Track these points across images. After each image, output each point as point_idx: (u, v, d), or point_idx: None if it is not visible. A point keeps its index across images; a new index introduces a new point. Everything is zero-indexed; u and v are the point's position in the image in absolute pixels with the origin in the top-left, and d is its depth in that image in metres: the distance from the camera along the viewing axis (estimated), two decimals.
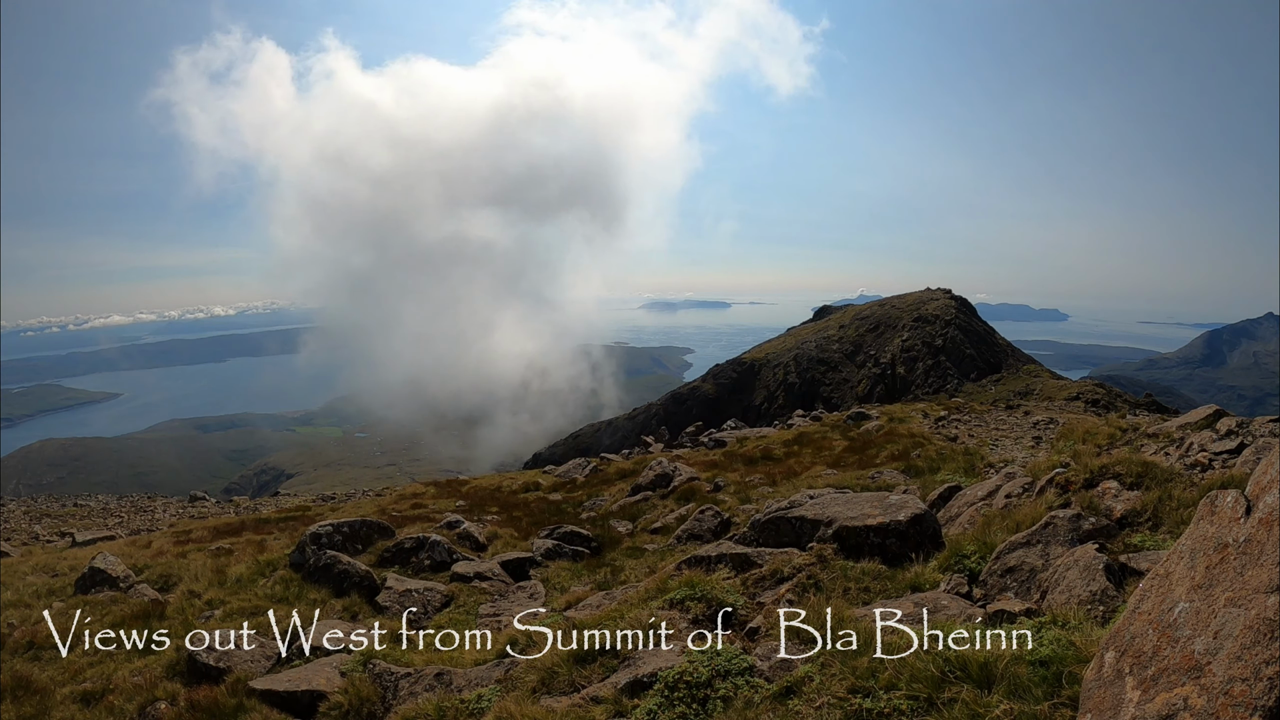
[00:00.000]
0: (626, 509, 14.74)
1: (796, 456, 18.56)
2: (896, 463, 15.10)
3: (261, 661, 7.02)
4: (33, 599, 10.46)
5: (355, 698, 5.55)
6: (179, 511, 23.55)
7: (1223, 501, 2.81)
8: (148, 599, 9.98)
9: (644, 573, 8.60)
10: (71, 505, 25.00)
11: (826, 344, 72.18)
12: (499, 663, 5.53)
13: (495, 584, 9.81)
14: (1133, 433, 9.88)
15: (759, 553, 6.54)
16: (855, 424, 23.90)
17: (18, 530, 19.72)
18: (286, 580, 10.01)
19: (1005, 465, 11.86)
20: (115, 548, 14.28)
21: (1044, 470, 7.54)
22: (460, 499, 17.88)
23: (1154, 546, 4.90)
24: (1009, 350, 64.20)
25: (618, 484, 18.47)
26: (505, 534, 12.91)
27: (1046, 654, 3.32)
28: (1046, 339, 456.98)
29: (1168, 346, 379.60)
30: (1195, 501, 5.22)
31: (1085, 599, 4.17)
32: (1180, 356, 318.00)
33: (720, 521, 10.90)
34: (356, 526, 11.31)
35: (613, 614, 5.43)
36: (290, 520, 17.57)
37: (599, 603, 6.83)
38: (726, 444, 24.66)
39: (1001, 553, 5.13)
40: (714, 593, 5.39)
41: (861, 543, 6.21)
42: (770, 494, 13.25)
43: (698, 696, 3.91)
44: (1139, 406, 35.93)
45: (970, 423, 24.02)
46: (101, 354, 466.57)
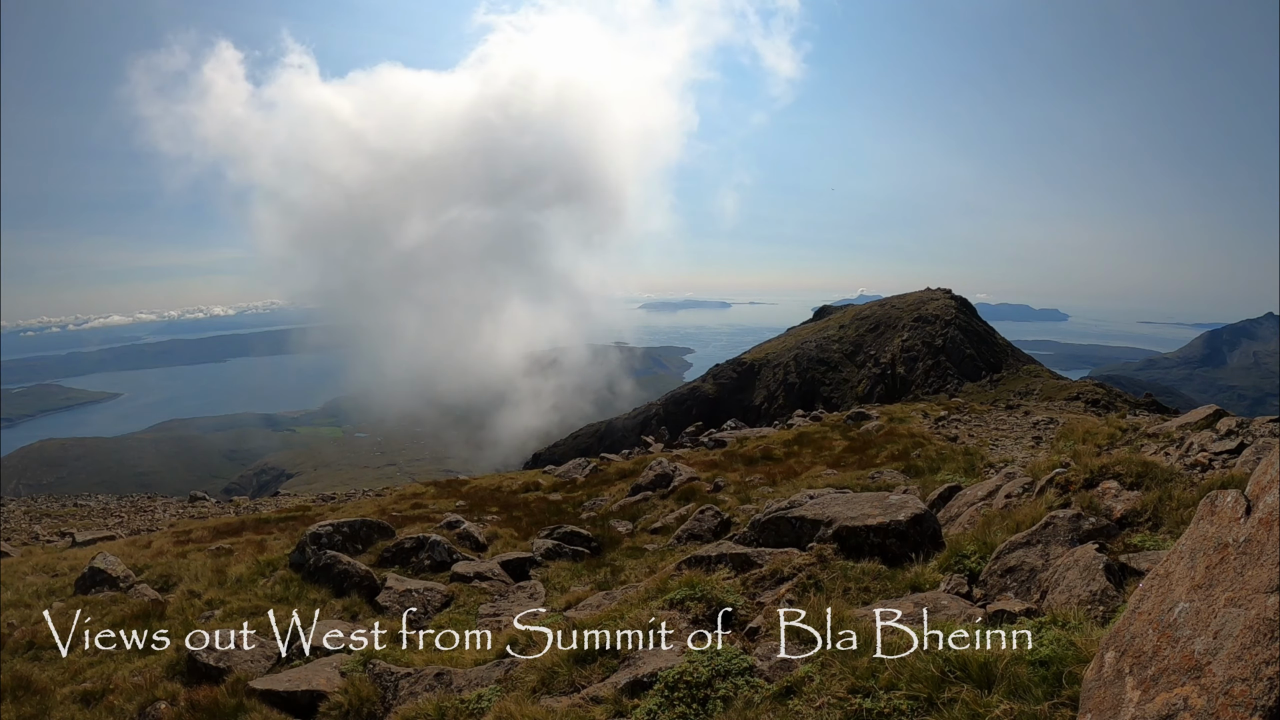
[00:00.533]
0: (626, 509, 14.74)
1: (796, 456, 18.56)
2: (896, 463, 15.10)
3: (261, 661, 7.02)
4: (33, 599, 10.46)
5: (355, 698, 5.55)
6: (179, 511, 23.55)
7: (1223, 501, 2.80)
8: (148, 599, 9.98)
9: (644, 573, 8.60)
10: (71, 505, 25.00)
11: (826, 344, 72.19)
12: (499, 663, 5.53)
13: (495, 584, 9.81)
14: (1133, 433, 9.87)
15: (759, 553, 6.55)
16: (855, 424, 23.89)
17: (18, 530, 19.71)
18: (286, 580, 10.01)
19: (1005, 465, 11.85)
20: (115, 548, 14.27)
21: (1044, 470, 7.54)
22: (460, 499, 17.88)
23: (1154, 546, 4.90)
24: (1009, 350, 64.20)
25: (618, 484, 18.47)
26: (505, 534, 12.92)
27: (1046, 654, 3.32)
28: (1046, 339, 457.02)
29: (1168, 346, 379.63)
30: (1195, 501, 5.22)
31: (1085, 599, 4.17)
32: (1180, 356, 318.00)
33: (720, 521, 10.90)
34: (356, 526, 11.31)
35: (613, 614, 5.43)
36: (290, 520, 17.56)
37: (599, 603, 6.83)
38: (726, 444, 24.66)
39: (1001, 553, 5.13)
40: (714, 593, 5.39)
41: (861, 543, 6.21)
42: (770, 494, 13.25)
43: (698, 696, 3.91)
44: (1139, 406, 35.93)
45: (970, 423, 24.02)
46: (101, 354, 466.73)
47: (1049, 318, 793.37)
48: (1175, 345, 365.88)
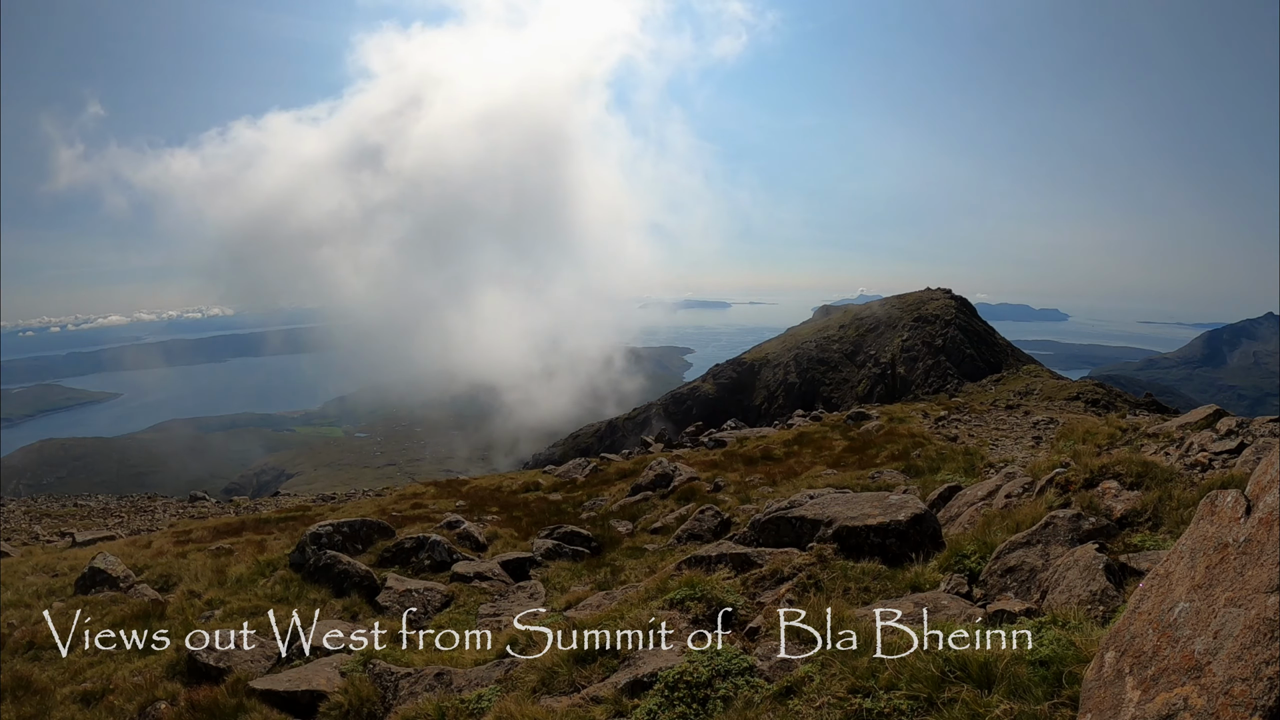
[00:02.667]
0: (626, 509, 14.74)
1: (796, 456, 18.56)
2: (896, 463, 15.10)
3: (261, 661, 7.02)
4: (33, 599, 10.46)
5: (355, 698, 5.55)
6: (179, 511, 23.55)
7: (1223, 501, 2.80)
8: (148, 599, 9.98)
9: (644, 573, 8.60)
10: (71, 505, 24.99)
11: (826, 344, 72.20)
12: (499, 663, 5.53)
13: (495, 584, 9.81)
14: (1133, 433, 9.87)
15: (759, 553, 6.55)
16: (855, 424, 23.89)
17: (18, 530, 19.71)
18: (286, 580, 10.01)
19: (1005, 465, 11.85)
20: (115, 548, 14.27)
21: (1044, 470, 7.54)
22: (460, 499, 17.88)
23: (1154, 546, 4.90)
24: (1009, 350, 64.18)
25: (618, 484, 18.47)
26: (505, 534, 12.92)
27: (1046, 654, 3.32)
28: (1046, 339, 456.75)
29: (1168, 346, 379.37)
30: (1195, 501, 5.21)
31: (1085, 599, 4.17)
32: (1180, 356, 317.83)
33: (720, 521, 10.90)
34: (356, 526, 11.31)
35: (613, 614, 5.43)
36: (290, 520, 17.56)
37: (599, 603, 6.82)
38: (726, 444, 24.66)
39: (1001, 553, 5.13)
40: (714, 593, 5.39)
41: (861, 543, 6.21)
42: (770, 494, 13.25)
43: (698, 696, 3.91)
44: (1139, 406, 35.90)
45: (970, 423, 24.03)
46: (101, 354, 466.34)
47: (1049, 318, 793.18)
48: (1175, 345, 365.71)
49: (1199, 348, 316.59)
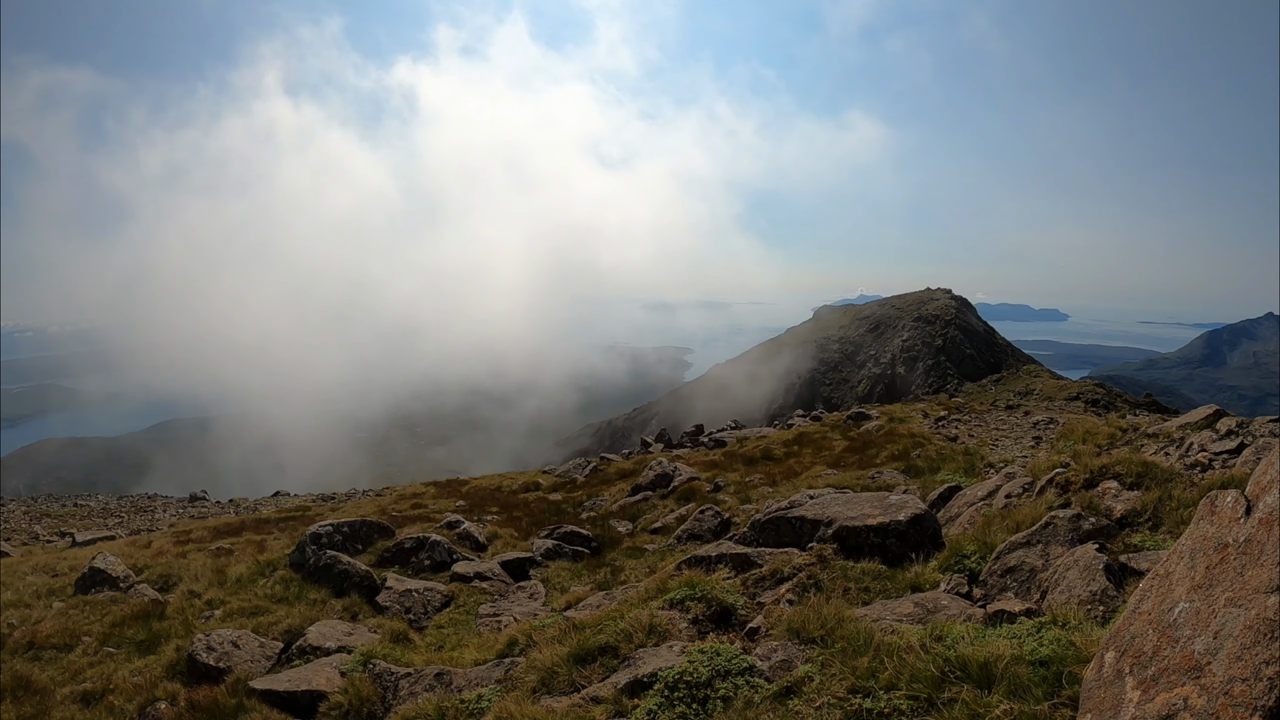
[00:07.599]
0: (626, 509, 14.74)
1: (796, 456, 18.56)
2: (896, 463, 15.10)
3: (262, 661, 7.03)
4: (33, 599, 10.46)
5: (355, 698, 5.56)
6: (179, 511, 23.54)
7: (1223, 501, 2.80)
8: (148, 599, 9.98)
9: (644, 573, 8.60)
10: (71, 505, 24.98)
11: (826, 344, 72.18)
12: (499, 663, 5.54)
13: (495, 584, 9.81)
14: (1133, 433, 9.87)
15: (759, 553, 6.54)
16: (855, 424, 23.89)
17: (18, 530, 19.70)
18: (286, 580, 10.01)
19: (1005, 465, 11.85)
20: (115, 548, 14.27)
21: (1044, 470, 7.54)
22: (460, 499, 17.88)
23: (1154, 546, 4.90)
24: (1009, 350, 64.15)
25: (618, 484, 18.46)
26: (505, 534, 12.91)
27: (1046, 654, 3.32)
28: (1046, 339, 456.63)
29: (1168, 346, 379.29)
30: (1195, 501, 5.22)
31: (1085, 599, 4.17)
32: (1180, 356, 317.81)
33: (720, 521, 10.90)
34: (356, 526, 11.31)
35: (613, 614, 5.43)
36: (290, 520, 17.56)
37: (599, 603, 6.83)
38: (726, 444, 24.66)
39: (1001, 553, 5.14)
40: (714, 593, 5.39)
41: (861, 543, 6.21)
42: (770, 494, 13.25)
43: (698, 696, 3.91)
44: (1139, 406, 35.89)
45: (970, 423, 24.02)
46: (101, 354, 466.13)
47: (1049, 318, 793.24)
48: (1175, 345, 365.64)
49: (1199, 348, 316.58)
